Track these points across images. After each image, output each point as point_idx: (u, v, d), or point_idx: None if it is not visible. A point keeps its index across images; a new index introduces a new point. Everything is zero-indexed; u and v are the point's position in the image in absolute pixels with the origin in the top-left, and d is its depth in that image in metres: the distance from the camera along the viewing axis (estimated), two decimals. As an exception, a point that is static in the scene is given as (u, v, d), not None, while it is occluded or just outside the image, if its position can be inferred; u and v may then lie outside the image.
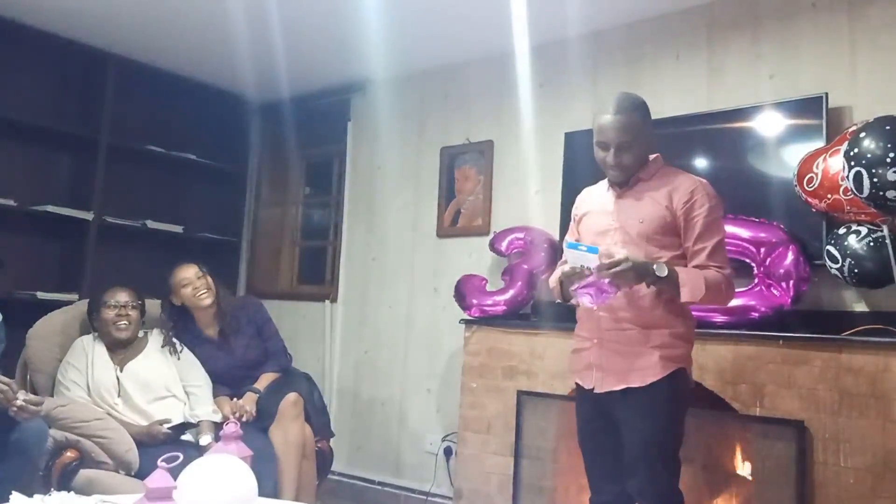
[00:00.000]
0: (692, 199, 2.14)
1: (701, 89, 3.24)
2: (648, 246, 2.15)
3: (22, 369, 2.99)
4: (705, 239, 2.13)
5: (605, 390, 2.17)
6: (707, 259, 2.12)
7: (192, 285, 3.11)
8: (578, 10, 3.30)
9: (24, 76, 4.05)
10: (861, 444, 2.39)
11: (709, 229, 2.14)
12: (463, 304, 3.48)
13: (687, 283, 2.06)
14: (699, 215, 2.13)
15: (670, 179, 2.20)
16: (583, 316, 2.29)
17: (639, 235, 2.17)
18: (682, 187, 2.17)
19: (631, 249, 2.11)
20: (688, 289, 2.06)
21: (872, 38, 2.85)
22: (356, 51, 3.94)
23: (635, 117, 2.16)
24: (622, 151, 2.16)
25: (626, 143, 2.15)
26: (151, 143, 4.42)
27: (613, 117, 2.15)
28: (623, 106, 2.16)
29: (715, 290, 2.09)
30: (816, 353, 2.50)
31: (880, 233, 2.50)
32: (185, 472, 1.79)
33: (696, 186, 2.17)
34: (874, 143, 2.30)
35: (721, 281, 2.11)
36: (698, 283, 2.06)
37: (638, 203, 2.20)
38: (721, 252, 2.15)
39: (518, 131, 3.77)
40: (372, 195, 4.40)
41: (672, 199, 2.16)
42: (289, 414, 2.97)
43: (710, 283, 2.07)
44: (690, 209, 2.14)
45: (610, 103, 2.18)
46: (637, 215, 2.18)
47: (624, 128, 2.14)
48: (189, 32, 3.89)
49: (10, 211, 3.83)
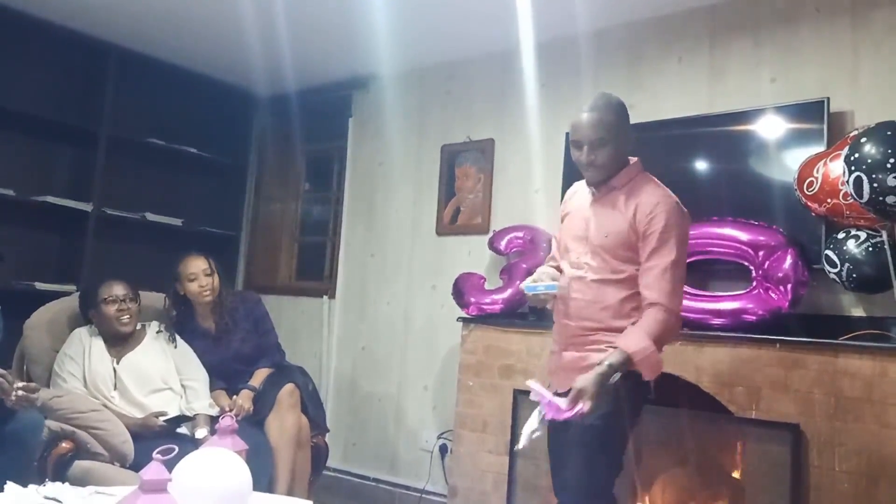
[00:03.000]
0: (652, 214, 2.10)
1: (702, 91, 3.24)
2: (612, 260, 2.14)
3: (19, 360, 2.99)
4: (656, 257, 2.08)
5: (564, 389, 2.16)
6: (654, 281, 2.07)
7: (199, 282, 3.12)
8: (581, 9, 3.30)
9: (25, 66, 4.04)
10: (856, 448, 2.39)
11: (663, 247, 2.08)
12: (461, 302, 3.48)
13: (643, 362, 2.03)
14: (654, 231, 2.09)
15: (639, 191, 2.16)
16: (555, 322, 2.30)
17: (602, 248, 2.16)
18: (646, 201, 2.13)
19: (595, 261, 2.14)
20: (647, 368, 2.04)
21: (875, 43, 2.85)
22: (358, 47, 3.94)
23: (609, 115, 2.14)
24: (595, 149, 2.13)
25: (600, 140, 2.12)
26: (152, 135, 4.42)
27: (587, 115, 2.14)
28: (598, 104, 2.15)
29: (663, 342, 2.07)
30: (813, 357, 2.50)
31: (879, 238, 2.50)
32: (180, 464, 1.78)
33: (659, 201, 2.12)
34: (875, 149, 2.30)
35: (664, 324, 2.05)
36: (652, 357, 2.03)
37: (606, 215, 2.18)
38: (669, 275, 2.07)
39: (519, 130, 3.77)
40: (372, 192, 4.40)
41: (636, 214, 2.12)
42: (285, 403, 2.97)
43: (658, 339, 2.04)
44: (649, 224, 2.10)
45: (587, 103, 2.17)
46: (603, 229, 2.17)
47: (597, 125, 2.12)
48: (191, 25, 3.89)
49: (9, 201, 3.83)
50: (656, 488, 2.93)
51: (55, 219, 4.11)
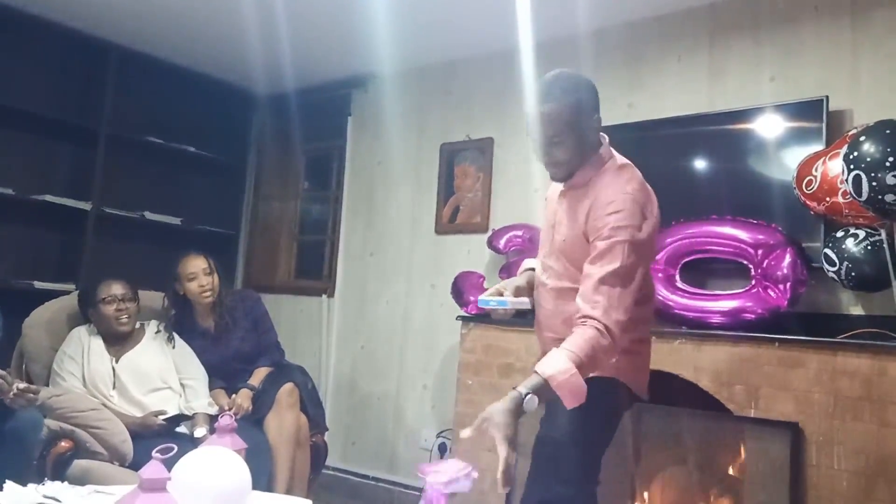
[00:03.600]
0: (603, 212, 1.82)
1: (702, 90, 3.24)
2: (569, 265, 1.94)
3: (18, 358, 2.99)
4: (597, 264, 1.79)
5: None
6: (589, 292, 1.77)
7: (199, 281, 3.12)
8: (581, 9, 3.30)
9: (24, 65, 4.04)
10: (855, 447, 2.39)
11: (607, 253, 1.78)
12: (460, 300, 3.48)
13: (562, 387, 1.70)
14: (601, 234, 1.81)
15: (598, 188, 1.89)
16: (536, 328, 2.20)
17: (560, 252, 1.97)
18: (600, 199, 1.86)
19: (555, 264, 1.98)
20: (567, 394, 1.71)
21: (875, 41, 2.85)
22: (358, 45, 3.94)
23: (566, 106, 1.85)
24: (553, 147, 1.88)
25: (556, 137, 1.86)
26: (151, 134, 4.41)
27: (541, 108, 1.86)
28: (552, 93, 1.86)
29: (592, 365, 1.74)
30: (812, 356, 2.50)
31: (878, 237, 2.50)
32: (179, 463, 1.78)
33: (614, 199, 1.83)
34: (874, 147, 2.30)
35: (595, 344, 1.72)
36: (574, 381, 1.70)
37: (567, 216, 1.96)
38: (607, 287, 1.76)
39: (518, 129, 3.77)
40: (371, 191, 4.40)
41: (589, 214, 1.87)
42: (284, 403, 2.97)
43: (585, 363, 1.71)
44: (597, 226, 1.82)
45: (538, 90, 1.88)
46: (561, 232, 1.97)
47: (554, 120, 1.85)
48: (191, 23, 3.89)
49: (8, 200, 3.83)
50: (655, 487, 2.93)
51: (54, 217, 4.10)
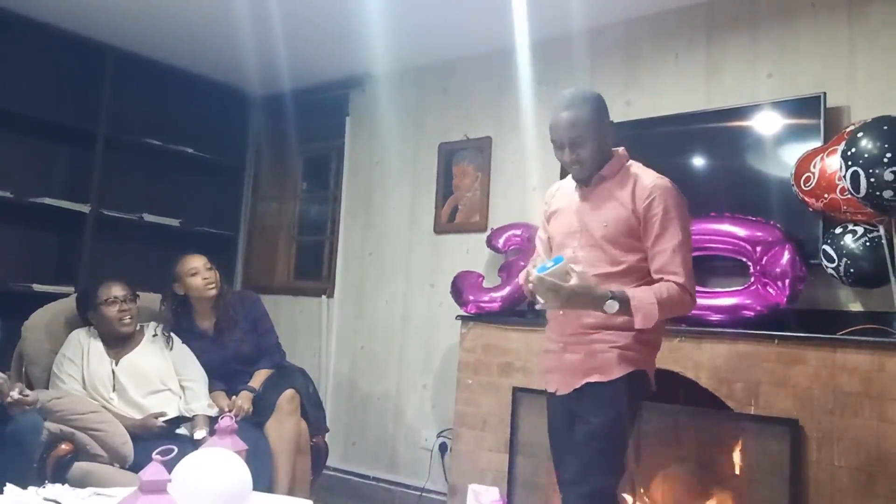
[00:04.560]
0: (651, 198, 2.08)
1: (699, 88, 3.24)
2: (613, 250, 2.12)
3: (17, 361, 2.99)
4: (663, 241, 2.08)
5: (567, 391, 2.15)
6: (665, 264, 2.07)
7: (202, 275, 3.12)
8: (578, 7, 3.30)
9: (21, 68, 4.03)
10: (855, 443, 2.40)
11: (666, 231, 2.07)
12: (459, 300, 3.49)
13: (640, 309, 2.01)
14: (656, 216, 2.08)
15: (633, 178, 2.15)
16: (551, 319, 2.28)
17: (603, 238, 2.13)
18: (642, 186, 2.11)
19: (595, 253, 2.12)
20: (641, 315, 2.00)
21: (872, 37, 2.85)
22: (355, 45, 3.94)
23: (585, 112, 2.12)
24: (576, 147, 2.12)
25: (579, 138, 2.11)
26: (149, 136, 4.41)
27: (563, 114, 2.12)
28: (572, 102, 2.13)
29: (670, 308, 2.04)
30: (811, 353, 2.51)
31: (876, 233, 2.50)
32: (180, 465, 1.79)
33: (654, 184, 2.11)
34: (871, 143, 2.31)
35: (676, 296, 2.04)
36: (651, 309, 2.00)
37: (602, 205, 2.16)
38: (680, 257, 2.07)
39: (516, 128, 3.77)
40: (369, 191, 4.40)
41: (634, 198, 2.11)
42: (285, 409, 2.97)
43: (663, 302, 2.01)
44: (648, 209, 2.08)
45: (560, 100, 2.15)
46: (601, 218, 2.15)
47: (574, 124, 2.11)
48: (188, 25, 3.89)
49: (6, 203, 3.83)
50: (656, 484, 2.93)
51: (53, 220, 4.10)
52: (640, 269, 2.11)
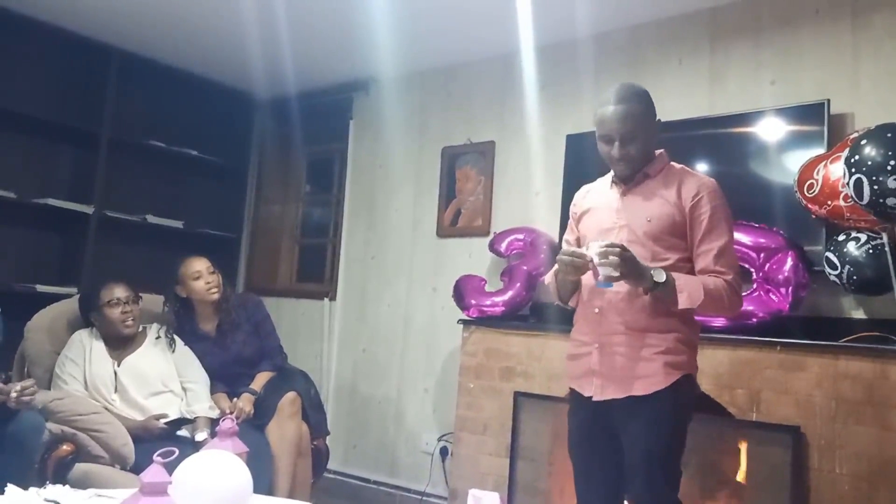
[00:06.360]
0: (698, 196, 2.06)
1: (703, 94, 3.24)
2: (655, 246, 2.06)
3: (20, 362, 2.99)
4: (710, 240, 2.04)
5: (605, 398, 2.06)
6: (713, 262, 2.03)
7: (205, 279, 3.12)
8: (582, 13, 3.30)
9: (26, 69, 4.05)
10: (857, 451, 2.39)
11: (714, 230, 2.05)
12: (461, 304, 3.48)
13: (685, 289, 1.97)
14: (704, 214, 2.05)
15: (678, 177, 2.12)
16: (581, 319, 2.19)
17: (645, 235, 2.07)
18: (689, 184, 2.09)
19: (636, 249, 2.01)
20: (685, 295, 1.97)
21: (876, 45, 2.85)
22: (359, 49, 3.95)
23: (638, 106, 2.07)
24: (627, 143, 2.06)
25: (630, 133, 2.05)
26: (153, 137, 4.43)
27: (615, 107, 2.05)
28: (625, 95, 2.07)
29: (716, 299, 1.99)
30: (813, 360, 2.50)
31: (880, 240, 2.50)
32: (181, 467, 1.79)
33: (702, 183, 2.09)
34: (875, 151, 2.30)
35: (723, 289, 2.00)
36: (696, 290, 1.97)
37: (646, 201, 2.11)
38: (727, 256, 2.05)
39: (520, 132, 3.78)
40: (372, 194, 4.40)
41: (681, 197, 2.07)
42: (286, 412, 2.97)
43: (709, 290, 1.98)
44: (696, 207, 2.05)
45: (611, 94, 2.09)
46: (645, 213, 2.09)
47: (626, 118, 2.05)
48: (192, 27, 3.90)
49: (10, 203, 3.84)
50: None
51: (56, 221, 4.11)
52: (681, 268, 2.04)
